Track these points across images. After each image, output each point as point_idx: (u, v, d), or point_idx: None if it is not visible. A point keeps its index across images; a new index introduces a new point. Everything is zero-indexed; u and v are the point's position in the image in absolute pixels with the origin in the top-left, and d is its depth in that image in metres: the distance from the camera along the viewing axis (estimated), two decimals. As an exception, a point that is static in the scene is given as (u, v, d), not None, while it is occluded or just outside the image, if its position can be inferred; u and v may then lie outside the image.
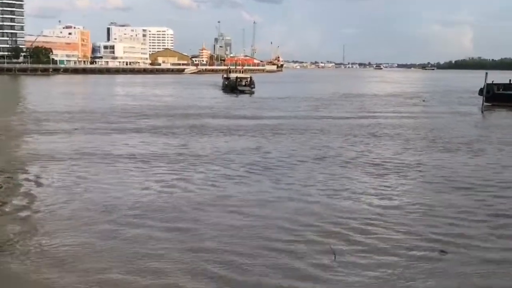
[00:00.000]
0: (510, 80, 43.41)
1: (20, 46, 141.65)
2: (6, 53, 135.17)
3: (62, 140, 22.04)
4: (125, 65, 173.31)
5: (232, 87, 60.39)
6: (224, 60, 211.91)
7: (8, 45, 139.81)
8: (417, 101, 49.40)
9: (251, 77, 64.18)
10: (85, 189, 13.23)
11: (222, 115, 33.84)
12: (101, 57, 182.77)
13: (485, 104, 39.73)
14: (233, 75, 68.00)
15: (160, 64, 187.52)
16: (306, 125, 28.39)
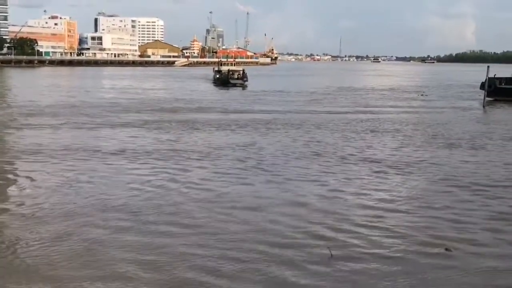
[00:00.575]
0: None
1: (4, 37, 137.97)
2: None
3: (49, 135, 21.27)
4: (114, 57, 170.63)
5: (223, 81, 58.46)
6: (216, 52, 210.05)
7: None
8: (416, 96, 48.70)
9: (243, 70, 62.06)
10: (71, 186, 12.71)
11: (213, 109, 32.98)
12: (88, 49, 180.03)
13: (487, 98, 38.88)
14: (224, 68, 66.17)
15: (149, 56, 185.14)
16: (301, 119, 27.70)
